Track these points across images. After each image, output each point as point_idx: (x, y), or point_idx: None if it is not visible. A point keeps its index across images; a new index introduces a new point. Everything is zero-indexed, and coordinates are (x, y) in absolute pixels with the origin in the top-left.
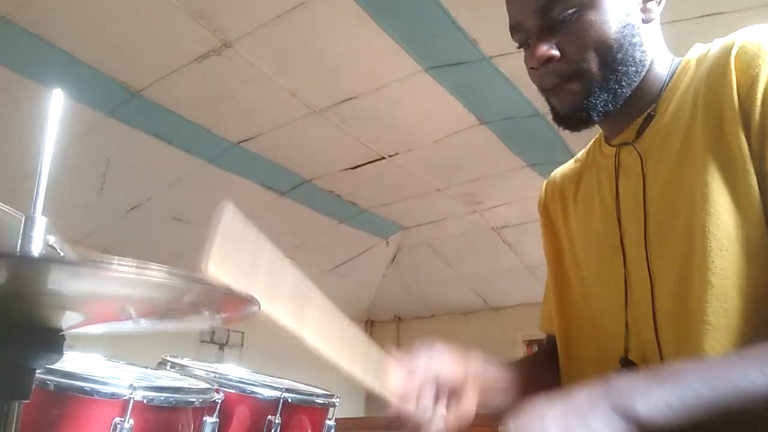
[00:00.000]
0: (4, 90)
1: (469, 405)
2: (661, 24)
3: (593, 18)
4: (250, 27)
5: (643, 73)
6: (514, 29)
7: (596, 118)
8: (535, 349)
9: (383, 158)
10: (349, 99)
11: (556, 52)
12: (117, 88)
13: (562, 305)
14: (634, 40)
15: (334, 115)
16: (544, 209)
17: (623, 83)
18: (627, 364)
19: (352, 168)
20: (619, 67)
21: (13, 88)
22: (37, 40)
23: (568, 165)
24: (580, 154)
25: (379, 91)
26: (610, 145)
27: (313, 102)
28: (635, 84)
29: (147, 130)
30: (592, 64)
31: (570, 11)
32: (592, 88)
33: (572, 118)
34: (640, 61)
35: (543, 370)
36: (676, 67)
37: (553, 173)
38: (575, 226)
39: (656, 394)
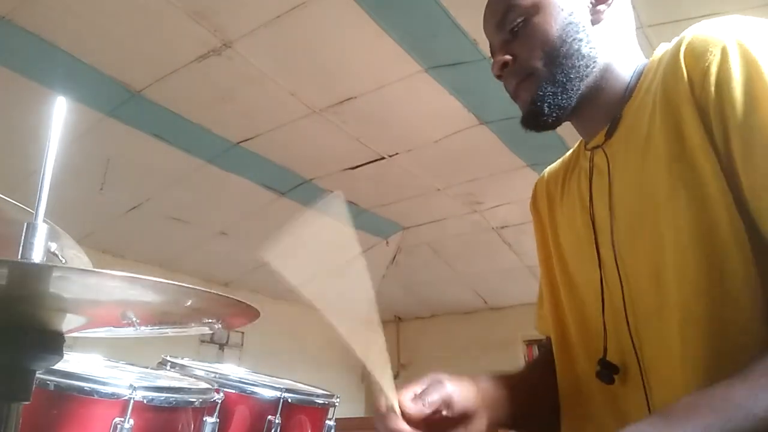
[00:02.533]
0: (5, 90)
1: (480, 427)
2: (660, 24)
3: (537, 21)
4: (250, 27)
5: (596, 70)
6: (491, 50)
7: (547, 110)
8: (535, 349)
9: (383, 158)
10: (349, 99)
11: (508, 57)
12: (117, 88)
13: (554, 306)
14: (579, 36)
15: (334, 115)
16: (535, 209)
17: (571, 75)
18: (605, 365)
19: (352, 168)
20: (564, 60)
21: (13, 88)
22: (37, 40)
23: (555, 166)
24: (567, 154)
25: (379, 91)
26: (586, 148)
27: (313, 102)
28: (588, 79)
29: (147, 130)
30: (539, 61)
31: (518, 20)
32: (540, 82)
33: (529, 115)
34: (588, 55)
35: (543, 377)
36: (643, 68)
37: (542, 174)
38: (562, 227)
39: None
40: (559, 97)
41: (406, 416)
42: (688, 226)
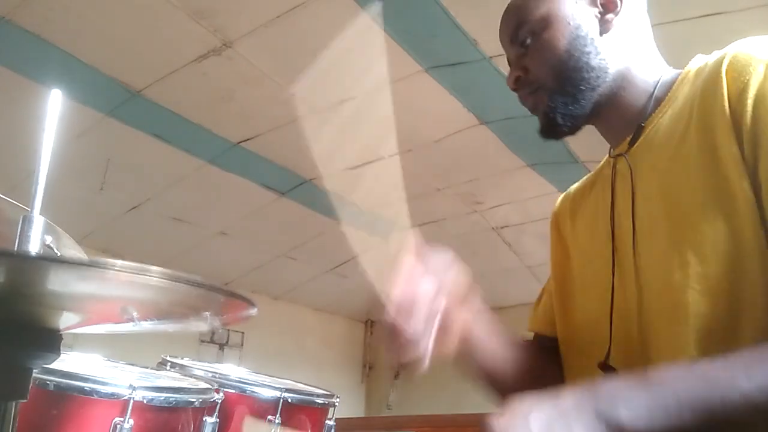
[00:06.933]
0: (4, 90)
1: (456, 330)
2: (660, 24)
3: (546, 37)
4: (250, 27)
5: (609, 79)
6: (508, 63)
7: (561, 121)
8: None
9: (383, 158)
10: (349, 99)
11: (520, 73)
12: (117, 88)
13: (566, 311)
14: (587, 49)
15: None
16: (555, 222)
17: (581, 87)
18: (606, 369)
19: (352, 168)
20: (573, 74)
21: (13, 88)
22: (37, 40)
23: (581, 181)
24: (597, 167)
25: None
26: (610, 156)
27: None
28: (602, 88)
29: (147, 130)
30: (549, 75)
31: (529, 35)
32: (551, 94)
33: (545, 125)
34: (599, 67)
35: (530, 358)
36: (674, 79)
37: (570, 187)
38: (581, 234)
39: (639, 400)
40: (571, 108)
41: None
42: (713, 237)
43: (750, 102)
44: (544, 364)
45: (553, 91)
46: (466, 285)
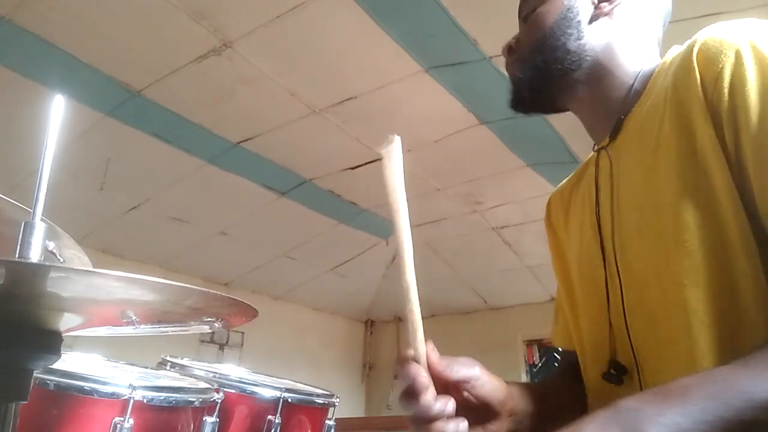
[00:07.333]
0: (4, 90)
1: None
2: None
3: (540, 11)
4: (250, 27)
5: (586, 66)
6: None
7: (525, 93)
8: (535, 349)
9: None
10: (349, 99)
11: (513, 42)
12: (117, 88)
13: (576, 315)
14: (569, 31)
15: (334, 115)
16: (548, 222)
17: (551, 64)
18: (615, 367)
19: (352, 168)
20: (546, 49)
21: (13, 88)
22: (37, 40)
23: (569, 178)
24: (581, 165)
25: (379, 91)
26: (593, 150)
27: (313, 102)
28: (577, 72)
29: (147, 130)
30: (530, 47)
31: (530, 11)
32: (523, 66)
33: (511, 96)
34: (575, 51)
35: (562, 392)
36: (653, 70)
37: (558, 185)
38: (574, 231)
39: (665, 416)
40: (537, 82)
41: (430, 370)
42: (697, 228)
43: (726, 90)
44: (569, 390)
45: (525, 64)
46: (492, 382)
